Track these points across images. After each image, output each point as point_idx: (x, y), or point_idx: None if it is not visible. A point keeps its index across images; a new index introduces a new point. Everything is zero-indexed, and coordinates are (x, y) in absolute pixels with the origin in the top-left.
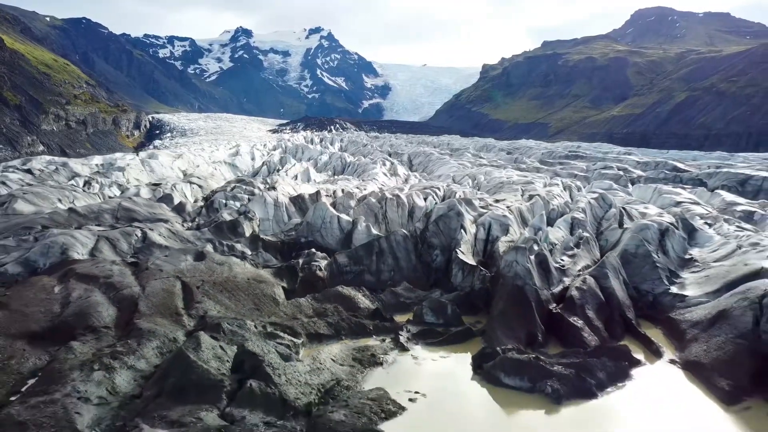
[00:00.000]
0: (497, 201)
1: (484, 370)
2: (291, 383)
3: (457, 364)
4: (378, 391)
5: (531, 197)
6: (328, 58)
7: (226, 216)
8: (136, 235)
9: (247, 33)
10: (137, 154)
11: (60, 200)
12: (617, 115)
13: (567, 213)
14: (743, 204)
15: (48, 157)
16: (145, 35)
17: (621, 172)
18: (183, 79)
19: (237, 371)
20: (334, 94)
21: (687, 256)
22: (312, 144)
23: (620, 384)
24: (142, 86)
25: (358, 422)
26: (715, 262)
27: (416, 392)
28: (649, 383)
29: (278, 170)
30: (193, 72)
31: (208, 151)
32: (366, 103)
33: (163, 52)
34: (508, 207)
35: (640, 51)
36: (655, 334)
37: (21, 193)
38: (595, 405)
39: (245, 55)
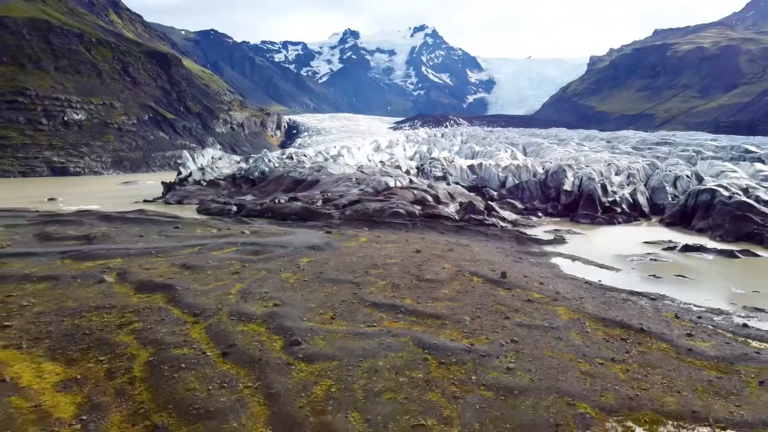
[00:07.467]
0: (587, 166)
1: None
2: None
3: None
4: None
5: (608, 164)
6: (432, 55)
7: (438, 174)
8: (408, 179)
9: (355, 35)
10: (334, 147)
11: (340, 168)
12: (725, 104)
13: (625, 171)
14: (766, 171)
15: (292, 149)
16: (262, 42)
17: (694, 154)
18: (298, 82)
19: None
20: (438, 90)
21: (690, 187)
22: (437, 138)
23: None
24: (263, 89)
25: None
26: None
27: None
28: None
29: (427, 156)
30: (306, 74)
31: (358, 145)
32: (470, 98)
33: (278, 57)
34: (592, 169)
35: (755, 38)
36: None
37: (327, 164)
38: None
39: (353, 56)
